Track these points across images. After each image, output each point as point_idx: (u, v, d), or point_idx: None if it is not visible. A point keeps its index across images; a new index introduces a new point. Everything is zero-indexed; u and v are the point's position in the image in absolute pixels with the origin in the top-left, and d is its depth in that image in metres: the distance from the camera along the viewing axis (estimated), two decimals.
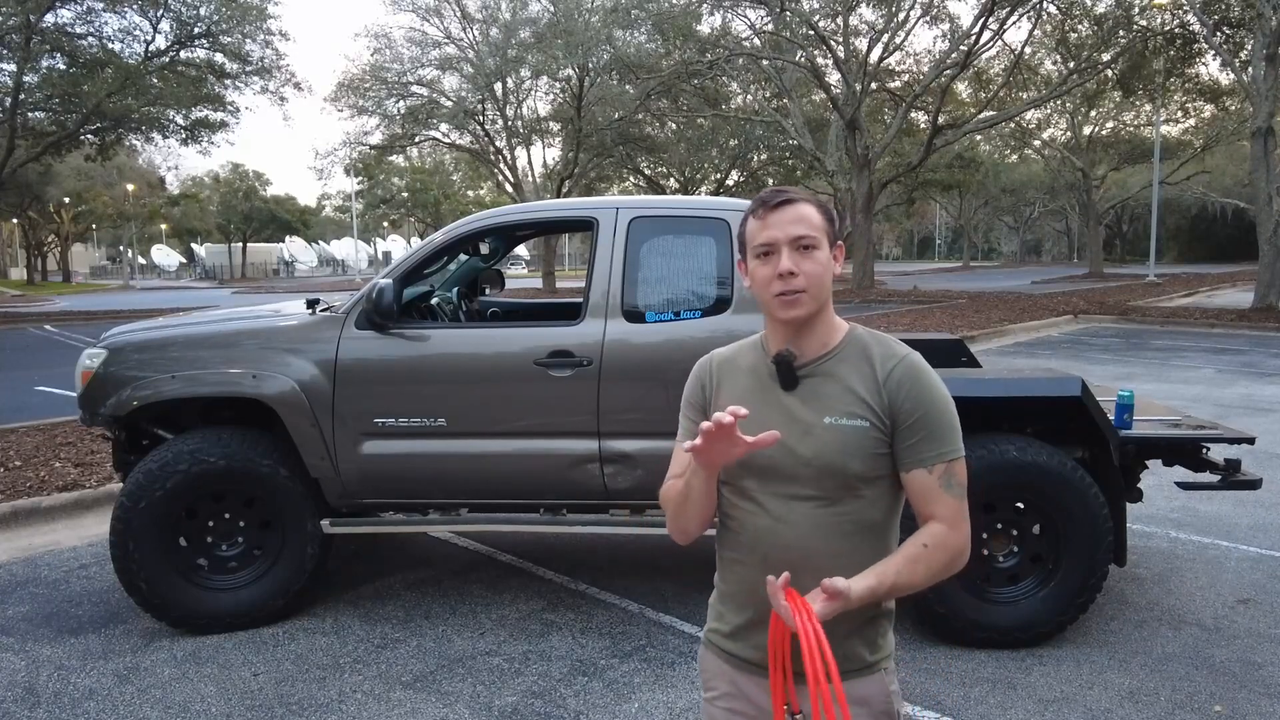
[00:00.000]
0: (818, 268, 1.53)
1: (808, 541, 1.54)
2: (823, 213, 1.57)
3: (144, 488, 3.94)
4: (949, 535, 1.53)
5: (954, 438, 1.54)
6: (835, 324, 1.61)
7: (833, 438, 1.52)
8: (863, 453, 1.52)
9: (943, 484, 1.52)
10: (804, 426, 1.54)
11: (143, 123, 23.22)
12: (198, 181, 65.63)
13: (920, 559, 1.51)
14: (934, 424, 1.52)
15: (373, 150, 34.41)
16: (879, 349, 1.58)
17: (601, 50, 26.31)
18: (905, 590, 1.51)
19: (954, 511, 1.53)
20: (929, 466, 1.52)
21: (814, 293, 1.54)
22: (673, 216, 4.23)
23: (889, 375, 1.54)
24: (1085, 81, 26.39)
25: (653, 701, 3.42)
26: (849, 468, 1.52)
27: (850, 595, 1.41)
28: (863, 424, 1.52)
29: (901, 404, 1.52)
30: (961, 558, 1.55)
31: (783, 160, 34.43)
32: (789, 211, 1.54)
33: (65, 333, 19.91)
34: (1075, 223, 61.72)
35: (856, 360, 1.57)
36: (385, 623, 4.16)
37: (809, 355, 1.58)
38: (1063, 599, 3.80)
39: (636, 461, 3.96)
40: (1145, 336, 16.42)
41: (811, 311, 1.55)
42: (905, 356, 1.56)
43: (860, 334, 1.61)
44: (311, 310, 4.25)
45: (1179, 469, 4.36)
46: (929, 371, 1.56)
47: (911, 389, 1.53)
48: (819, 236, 1.54)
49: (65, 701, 3.47)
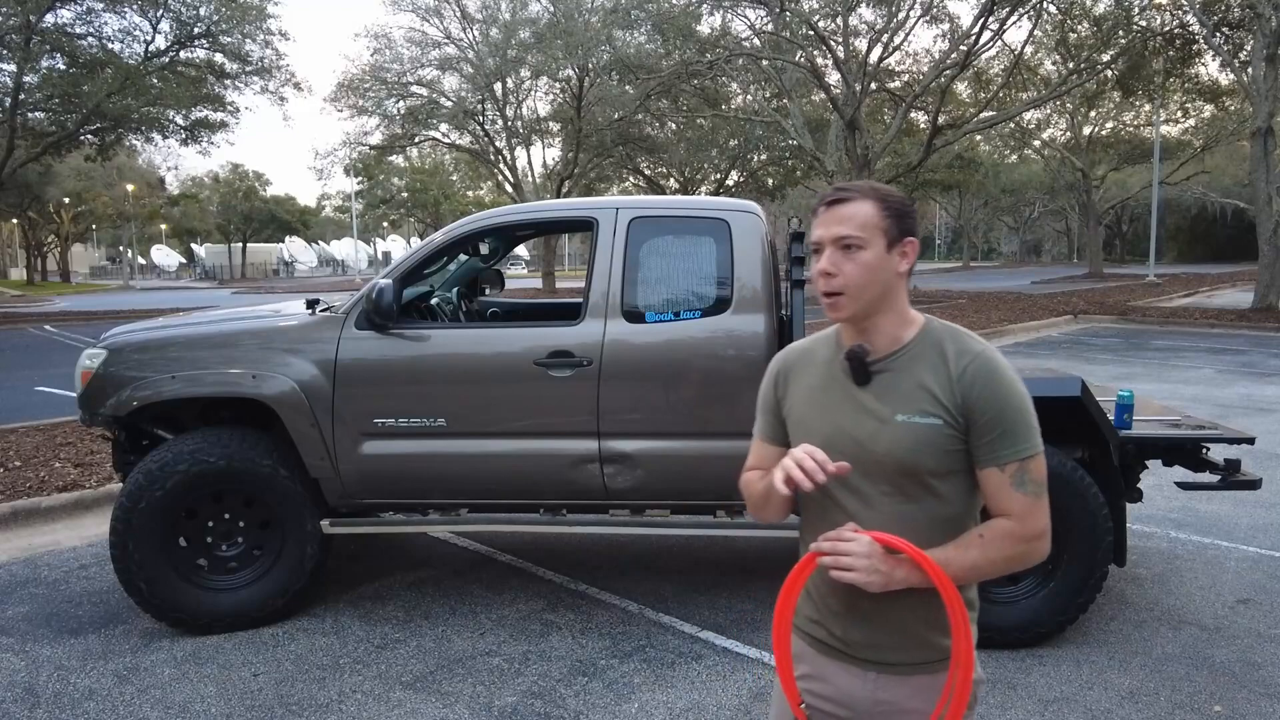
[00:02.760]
0: (858, 269, 1.52)
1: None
2: (884, 209, 1.54)
3: (144, 488, 3.94)
4: (1013, 528, 1.51)
5: (1028, 435, 1.52)
6: (907, 319, 1.60)
7: (905, 435, 1.52)
8: (936, 450, 1.52)
9: (1014, 481, 1.51)
10: (877, 423, 1.55)
11: (143, 123, 23.19)
12: (197, 181, 65.54)
13: (972, 545, 1.51)
14: (1008, 422, 1.51)
15: (373, 150, 34.38)
16: (953, 345, 1.56)
17: (601, 50, 26.30)
18: (961, 575, 1.49)
19: (1023, 508, 1.51)
20: (1002, 465, 1.51)
21: (853, 294, 1.53)
22: (673, 217, 4.23)
23: (963, 372, 1.53)
24: (1085, 82, 26.35)
25: (653, 701, 3.42)
26: (922, 464, 1.52)
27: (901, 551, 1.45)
28: (936, 421, 1.52)
29: (975, 402, 1.51)
30: (1033, 552, 1.54)
31: (783, 160, 34.42)
32: (840, 210, 1.54)
33: (65, 333, 19.91)
34: (1075, 223, 61.67)
35: (930, 356, 1.56)
36: (385, 623, 4.16)
37: (880, 351, 1.58)
38: (1062, 599, 3.80)
39: (636, 461, 3.96)
40: (1145, 337, 16.42)
41: (852, 313, 1.55)
42: (980, 353, 1.54)
43: (935, 328, 1.60)
44: (311, 310, 4.25)
45: (1179, 469, 4.37)
46: (1004, 368, 1.54)
47: (985, 386, 1.51)
48: (866, 236, 1.52)
49: (65, 702, 3.47)
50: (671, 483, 4.02)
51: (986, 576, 1.54)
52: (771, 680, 3.58)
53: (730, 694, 3.47)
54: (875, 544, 1.45)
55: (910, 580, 1.47)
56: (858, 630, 1.59)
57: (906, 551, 1.45)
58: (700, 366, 3.93)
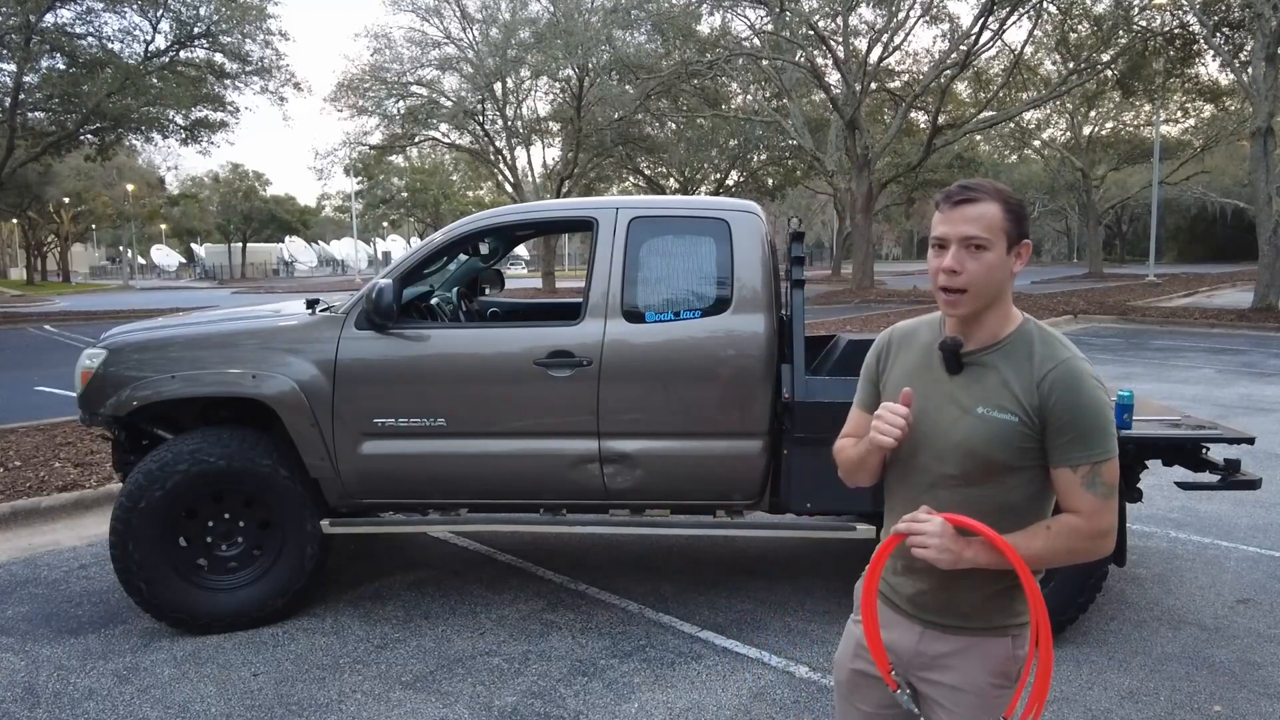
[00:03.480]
0: (982, 269, 1.60)
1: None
2: (1008, 211, 1.61)
3: (144, 488, 3.94)
4: (1080, 525, 1.60)
5: (1102, 440, 1.59)
6: (1009, 316, 1.67)
7: (981, 427, 1.62)
8: (1007, 446, 1.61)
9: (1085, 483, 1.59)
10: (959, 411, 1.65)
11: (142, 123, 23.20)
12: (197, 181, 65.57)
13: (1038, 535, 1.60)
14: (1083, 428, 1.58)
15: (372, 150, 34.41)
16: (1041, 349, 1.63)
17: (601, 50, 26.31)
18: (1026, 561, 1.56)
19: (1091, 507, 1.59)
20: (1074, 466, 1.59)
21: (975, 292, 1.61)
22: (673, 217, 4.23)
23: (1044, 376, 1.60)
24: (1085, 81, 26.38)
25: (652, 701, 3.42)
26: (992, 457, 1.62)
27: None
28: (1011, 419, 1.60)
29: (1053, 407, 1.58)
30: (1096, 549, 1.62)
31: (783, 160, 34.44)
32: (968, 210, 1.60)
33: (65, 333, 19.91)
34: (1075, 223, 61.70)
35: (1019, 356, 1.63)
36: (385, 623, 4.16)
37: (976, 344, 1.66)
38: (1062, 599, 3.80)
39: (636, 461, 3.96)
40: (1145, 336, 16.42)
41: (971, 310, 1.64)
42: (1065, 361, 1.61)
43: (1029, 330, 1.67)
44: (311, 310, 4.25)
45: (1179, 469, 4.36)
46: (1086, 376, 1.60)
47: (1064, 394, 1.58)
48: (992, 238, 1.59)
49: (65, 701, 3.47)
50: (671, 483, 4.02)
51: (1049, 565, 1.65)
52: (772, 681, 3.58)
53: (730, 694, 3.47)
54: (947, 525, 1.56)
55: (978, 560, 1.57)
56: (918, 594, 1.74)
57: (983, 533, 1.55)
58: (700, 366, 3.93)
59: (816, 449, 3.91)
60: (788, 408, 3.91)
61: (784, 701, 3.41)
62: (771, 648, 3.86)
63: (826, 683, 3.55)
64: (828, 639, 3.94)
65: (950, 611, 1.71)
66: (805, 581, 4.63)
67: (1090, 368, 1.62)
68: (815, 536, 4.22)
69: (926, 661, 1.74)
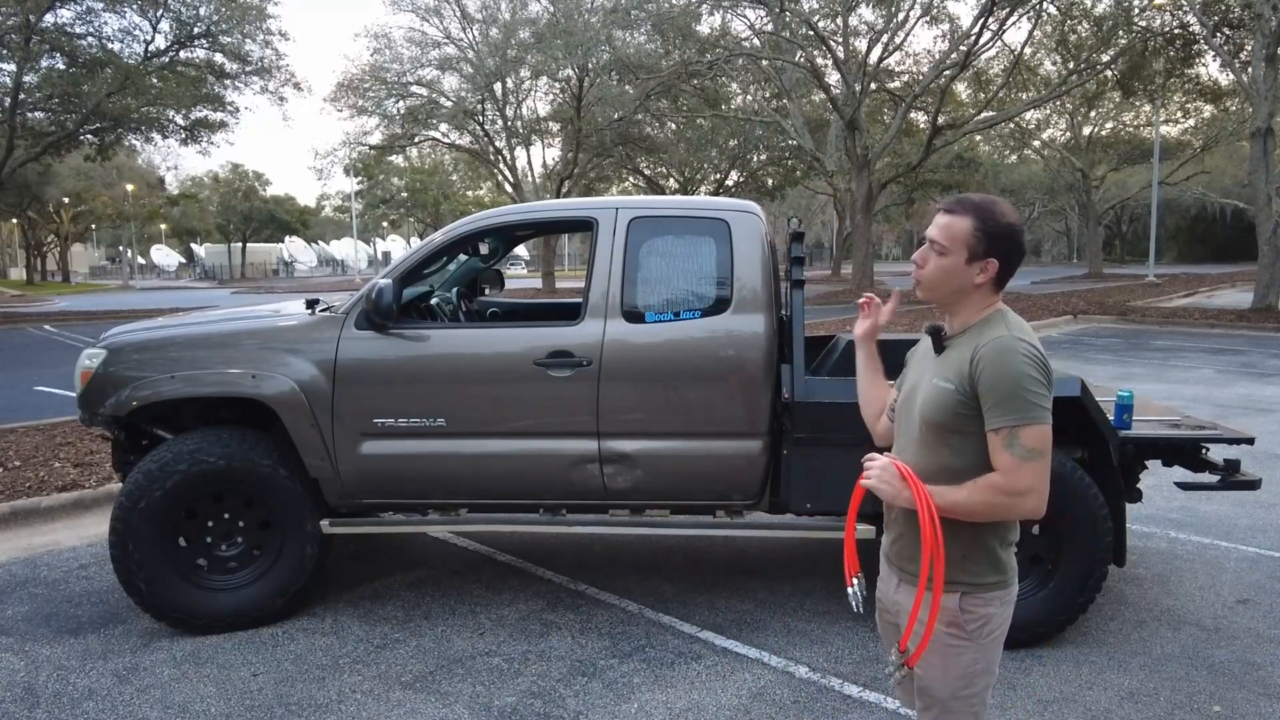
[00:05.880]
0: (936, 269, 1.94)
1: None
2: (980, 230, 1.90)
3: (143, 488, 3.94)
4: (998, 481, 1.83)
5: (1020, 407, 1.81)
6: (979, 309, 1.96)
7: (933, 394, 1.94)
8: (945, 410, 1.90)
9: (1004, 444, 1.83)
10: (929, 382, 1.97)
11: (142, 123, 23.19)
12: (197, 181, 65.52)
13: (963, 489, 1.85)
14: (999, 395, 1.83)
15: (372, 150, 34.40)
16: (986, 330, 1.92)
17: (601, 50, 26.29)
18: (946, 508, 1.84)
19: (1008, 465, 1.82)
20: (996, 430, 1.84)
21: (928, 285, 1.97)
22: (672, 217, 4.23)
23: (976, 352, 1.88)
24: (1085, 82, 26.38)
25: (652, 701, 3.42)
26: (934, 419, 1.92)
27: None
28: (949, 386, 1.91)
29: (979, 377, 1.86)
30: (1014, 506, 1.85)
31: (782, 160, 34.42)
32: (944, 218, 1.94)
33: (65, 333, 19.91)
34: (1075, 223, 61.71)
35: (970, 339, 1.93)
36: (384, 623, 4.16)
37: (953, 330, 1.99)
38: (1062, 599, 3.80)
39: (636, 461, 3.96)
40: (1145, 337, 16.42)
41: (927, 299, 1.98)
42: (999, 338, 1.88)
43: (990, 317, 1.95)
44: (311, 310, 4.25)
45: (1178, 469, 4.37)
46: (1012, 352, 1.84)
47: (988, 365, 1.85)
48: (951, 248, 1.92)
49: (65, 701, 3.47)
50: (671, 483, 4.02)
51: (971, 517, 1.87)
52: (771, 681, 3.58)
53: (730, 694, 3.47)
54: (891, 464, 1.90)
55: (913, 503, 1.84)
56: (894, 544, 2.07)
57: (907, 477, 1.86)
58: (700, 367, 3.93)
59: (816, 449, 3.92)
60: (787, 408, 3.91)
61: (784, 701, 3.41)
62: (771, 648, 3.86)
63: (826, 683, 3.55)
64: (828, 639, 3.94)
65: (913, 560, 1.96)
66: (805, 581, 4.63)
67: (1027, 347, 1.84)
68: (815, 536, 4.22)
69: (900, 609, 2.05)
